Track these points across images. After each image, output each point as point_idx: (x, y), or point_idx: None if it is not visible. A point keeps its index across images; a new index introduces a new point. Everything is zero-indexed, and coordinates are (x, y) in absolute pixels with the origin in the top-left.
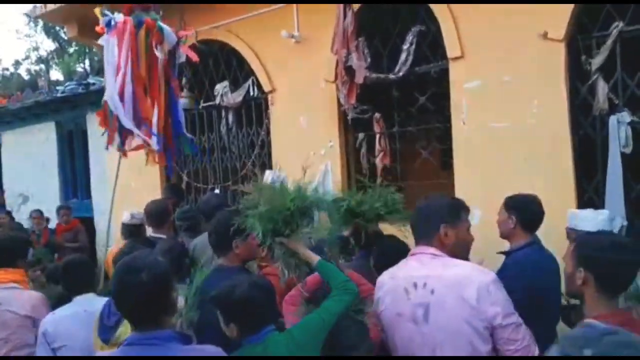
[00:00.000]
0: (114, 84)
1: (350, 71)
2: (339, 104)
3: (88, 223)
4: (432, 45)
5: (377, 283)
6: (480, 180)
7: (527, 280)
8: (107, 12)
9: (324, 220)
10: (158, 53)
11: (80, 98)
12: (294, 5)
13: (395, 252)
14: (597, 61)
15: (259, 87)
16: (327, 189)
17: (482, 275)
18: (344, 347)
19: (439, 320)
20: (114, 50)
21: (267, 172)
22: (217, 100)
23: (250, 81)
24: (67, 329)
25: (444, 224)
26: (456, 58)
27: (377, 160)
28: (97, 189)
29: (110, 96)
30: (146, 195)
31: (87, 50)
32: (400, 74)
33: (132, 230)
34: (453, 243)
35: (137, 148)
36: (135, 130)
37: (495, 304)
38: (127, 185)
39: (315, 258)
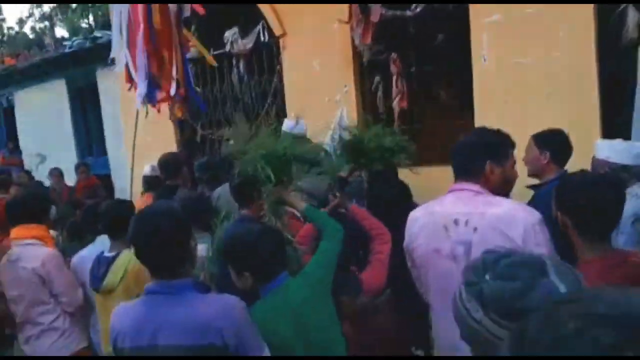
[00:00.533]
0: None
1: (365, 9)
2: (354, 46)
3: (106, 180)
4: None
5: (409, 218)
6: (502, 120)
7: None
8: None
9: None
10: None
11: (88, 53)
12: None
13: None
14: None
15: (270, 31)
16: (343, 137)
17: (529, 214)
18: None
19: None
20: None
21: (286, 120)
22: (227, 48)
23: (260, 26)
24: (84, 268)
25: (490, 161)
26: None
27: (394, 104)
28: (112, 145)
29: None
30: (162, 149)
31: (90, 5)
32: (418, 9)
33: (150, 182)
34: (498, 180)
35: (163, 100)
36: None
37: (540, 244)
38: (142, 140)
39: (301, 205)
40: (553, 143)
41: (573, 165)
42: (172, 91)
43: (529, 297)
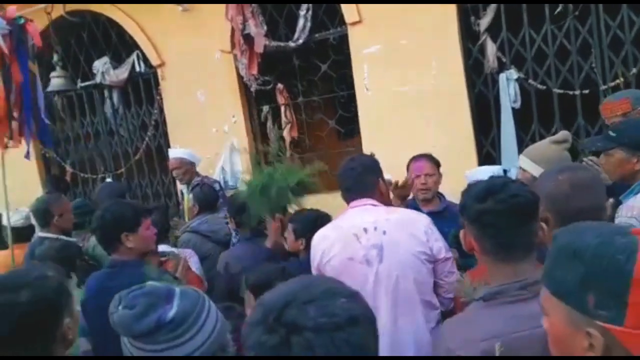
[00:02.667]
0: None
1: (248, 40)
2: (239, 75)
3: None
4: (329, 11)
5: (316, 238)
6: (387, 144)
7: None
8: None
9: None
10: None
11: None
12: None
13: (314, 220)
14: (484, 22)
15: (146, 61)
16: (235, 169)
17: (422, 217)
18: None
19: (394, 257)
20: None
21: (169, 151)
22: (98, 79)
23: (134, 55)
24: None
25: (379, 177)
26: (355, 23)
27: (285, 133)
28: None
29: None
30: (25, 191)
31: None
32: (300, 41)
33: (20, 233)
34: (386, 194)
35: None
36: None
37: (438, 239)
38: None
39: None
40: None
41: (449, 183)
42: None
43: (142, 322)
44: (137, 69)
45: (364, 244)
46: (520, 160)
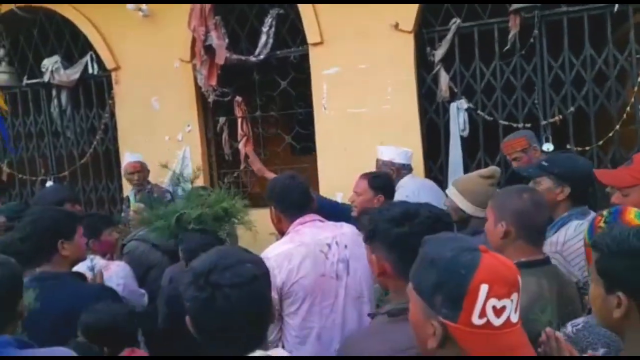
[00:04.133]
0: None
1: (209, 51)
2: (197, 85)
3: None
4: (291, 30)
5: (274, 258)
6: (340, 163)
7: None
8: None
9: None
10: None
11: None
12: None
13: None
14: (439, 53)
15: (100, 64)
16: (186, 177)
17: (356, 229)
18: None
19: (358, 270)
20: None
21: (127, 154)
22: (46, 78)
23: (88, 57)
24: None
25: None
26: (316, 44)
27: (240, 146)
28: None
29: None
30: None
31: None
32: (261, 57)
33: None
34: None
35: None
36: None
37: None
38: None
39: None
40: None
41: None
42: None
43: None
44: (90, 70)
45: (331, 259)
46: (449, 189)
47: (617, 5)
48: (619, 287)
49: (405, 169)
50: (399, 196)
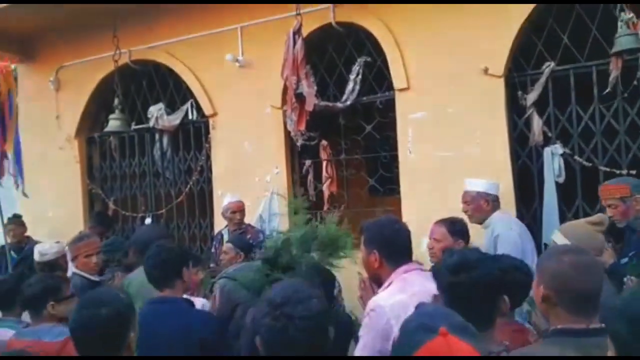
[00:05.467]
0: None
1: (300, 98)
2: (286, 130)
3: None
4: (377, 76)
5: (395, 306)
6: (425, 207)
7: None
8: None
9: None
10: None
11: None
12: (238, 28)
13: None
14: (531, 97)
15: (199, 110)
16: (273, 216)
17: None
18: None
19: None
20: None
21: (228, 195)
22: (151, 123)
23: (189, 104)
24: None
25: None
26: (402, 89)
27: (324, 187)
28: None
29: None
30: (68, 223)
31: None
32: (348, 102)
33: (44, 269)
34: None
35: None
36: None
37: None
38: (42, 215)
39: None
40: None
41: None
42: None
43: None
44: (190, 116)
45: None
46: (554, 234)
47: None
48: None
49: (497, 201)
50: (489, 233)
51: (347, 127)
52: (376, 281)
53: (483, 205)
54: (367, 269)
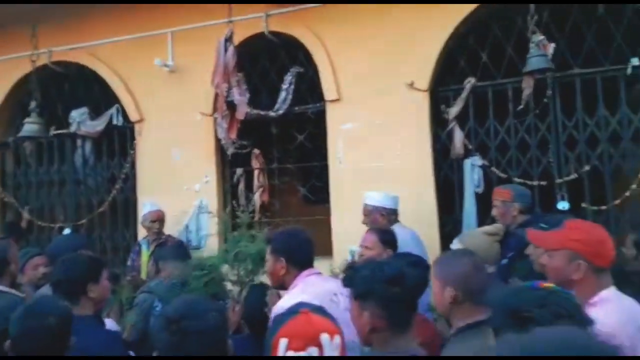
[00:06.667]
0: None
1: (231, 106)
2: (216, 138)
3: None
4: (310, 87)
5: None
6: (355, 216)
7: None
8: None
9: None
10: None
11: None
12: (169, 33)
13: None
14: (453, 111)
15: (125, 115)
16: (201, 226)
17: None
18: None
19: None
20: None
21: (147, 203)
22: (73, 128)
23: (114, 109)
24: None
25: None
26: (333, 100)
27: (256, 197)
28: None
29: None
30: None
31: None
32: (280, 112)
33: None
34: None
35: None
36: None
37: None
38: None
39: None
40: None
41: None
42: None
43: None
44: (115, 122)
45: (342, 307)
46: (453, 244)
47: (630, 68)
48: None
49: (394, 215)
50: None
51: (280, 136)
52: (281, 287)
53: (379, 218)
54: (273, 277)
